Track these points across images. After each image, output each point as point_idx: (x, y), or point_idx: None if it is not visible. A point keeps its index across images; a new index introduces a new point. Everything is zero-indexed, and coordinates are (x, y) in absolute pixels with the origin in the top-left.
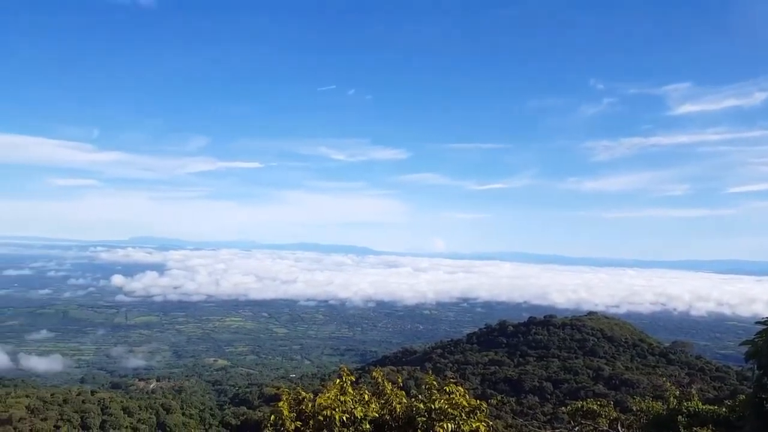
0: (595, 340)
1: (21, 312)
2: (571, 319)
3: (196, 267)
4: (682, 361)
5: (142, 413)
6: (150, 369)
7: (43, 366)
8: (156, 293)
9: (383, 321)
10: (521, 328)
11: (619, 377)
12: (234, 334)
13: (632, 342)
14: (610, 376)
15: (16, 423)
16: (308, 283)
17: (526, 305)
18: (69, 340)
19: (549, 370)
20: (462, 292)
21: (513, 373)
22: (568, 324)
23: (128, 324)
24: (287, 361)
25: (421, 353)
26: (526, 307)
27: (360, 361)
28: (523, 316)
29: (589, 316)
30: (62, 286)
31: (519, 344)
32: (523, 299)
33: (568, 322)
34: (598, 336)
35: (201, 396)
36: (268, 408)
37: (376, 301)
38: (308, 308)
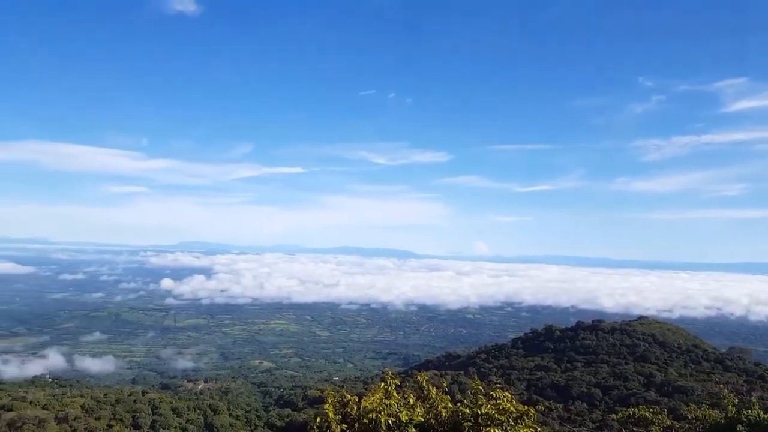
0: (646, 345)
1: (76, 315)
2: (620, 324)
3: (241, 271)
4: (740, 368)
5: (190, 414)
6: (198, 370)
7: (96, 367)
8: (203, 296)
9: (425, 325)
10: (568, 333)
11: (672, 384)
12: (278, 336)
13: (686, 348)
14: (662, 382)
15: (72, 422)
16: (350, 287)
17: (573, 309)
18: (121, 341)
19: (598, 376)
20: (506, 296)
21: (560, 379)
22: (618, 329)
23: (177, 326)
24: (330, 363)
25: (465, 358)
26: (573, 311)
27: (402, 364)
28: (571, 320)
29: (639, 320)
30: (114, 289)
31: (566, 349)
32: (570, 303)
33: (617, 327)
34: (650, 341)
35: (247, 397)
36: (313, 410)
37: (418, 304)
38: (350, 311)
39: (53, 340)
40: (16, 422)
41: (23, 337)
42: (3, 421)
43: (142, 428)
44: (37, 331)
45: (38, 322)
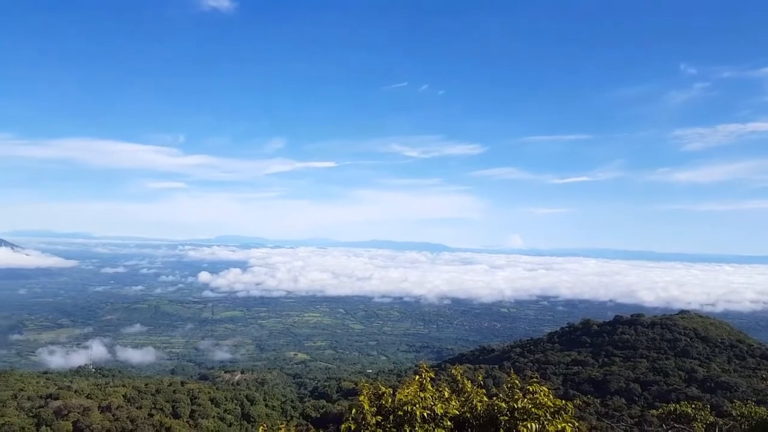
0: (687, 340)
1: (117, 307)
2: (661, 318)
3: (275, 264)
4: None
5: (228, 404)
6: (235, 361)
7: (137, 358)
8: (239, 289)
9: (459, 318)
10: (606, 328)
11: (715, 380)
12: (312, 329)
13: (729, 342)
14: (704, 378)
15: (115, 410)
16: (383, 280)
17: (611, 304)
18: (160, 333)
19: (637, 371)
20: (542, 290)
21: (597, 374)
22: (658, 323)
23: (214, 318)
24: (363, 356)
25: (500, 352)
26: (611, 305)
27: (436, 358)
28: (609, 315)
29: (681, 314)
30: (154, 282)
31: (604, 344)
32: (608, 297)
33: (657, 321)
34: (691, 336)
35: (282, 388)
36: (347, 402)
37: (452, 298)
38: (383, 305)
39: (96, 331)
40: (62, 410)
41: (68, 329)
42: (50, 409)
43: (182, 418)
44: (81, 322)
45: (82, 314)
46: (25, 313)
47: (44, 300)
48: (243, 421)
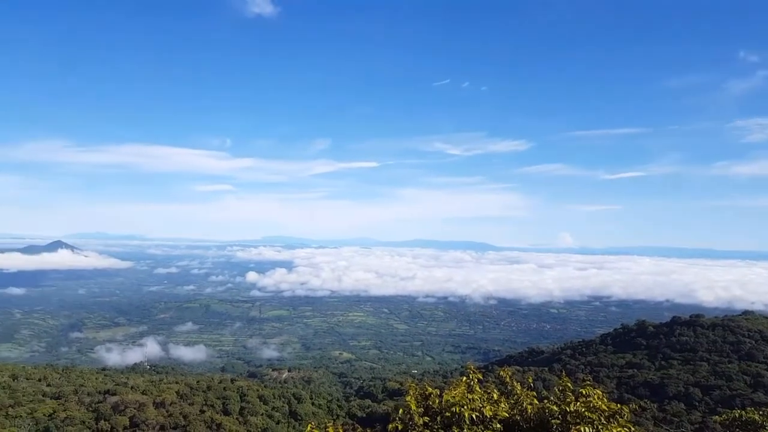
0: (752, 342)
1: (170, 306)
2: (722, 319)
3: (320, 264)
4: None
5: (275, 401)
6: (282, 360)
7: (189, 355)
8: (285, 289)
9: (506, 319)
10: (663, 329)
11: None
12: (357, 328)
13: None
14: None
15: (168, 406)
16: (427, 280)
17: (668, 304)
18: (211, 331)
19: (697, 375)
20: (593, 290)
21: (654, 377)
22: (720, 324)
23: (262, 317)
24: (408, 356)
25: (549, 354)
26: (668, 305)
27: (482, 359)
28: (665, 315)
29: (744, 315)
30: (204, 282)
31: (660, 346)
32: (664, 297)
33: (719, 323)
34: (757, 338)
35: (328, 387)
36: (393, 402)
37: (498, 298)
38: (427, 305)
39: (150, 330)
40: (119, 406)
41: (124, 327)
42: (108, 404)
43: (232, 414)
44: (136, 321)
45: (137, 313)
46: (85, 312)
47: (102, 299)
48: (290, 419)
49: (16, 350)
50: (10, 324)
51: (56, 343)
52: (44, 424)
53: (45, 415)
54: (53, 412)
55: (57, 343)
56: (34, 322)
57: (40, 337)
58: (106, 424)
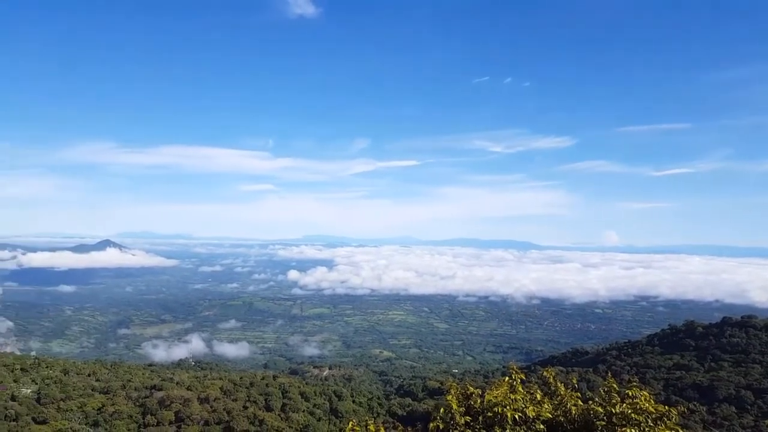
0: None
1: (214, 304)
2: None
3: (360, 263)
4: None
5: (317, 399)
6: (323, 357)
7: (232, 352)
8: (326, 287)
9: (549, 319)
10: (713, 330)
11: None
12: (397, 327)
13: None
14: None
15: (213, 402)
16: (467, 279)
17: (717, 304)
18: (254, 329)
19: (749, 377)
20: (640, 290)
21: (703, 379)
22: None
23: (303, 315)
24: (449, 355)
25: (594, 354)
26: (717, 306)
27: (525, 360)
28: (715, 316)
29: None
30: (247, 280)
31: (710, 347)
32: (714, 298)
33: None
34: None
35: (369, 385)
36: (433, 401)
37: (541, 298)
38: (468, 304)
39: (195, 326)
40: (165, 401)
41: (170, 324)
42: (155, 399)
43: (274, 411)
44: (181, 318)
45: (182, 310)
46: (132, 309)
47: (149, 297)
48: (331, 416)
49: (67, 346)
50: (62, 320)
51: (105, 339)
52: (93, 418)
53: (94, 409)
54: (102, 407)
55: (106, 339)
56: (84, 318)
57: (90, 334)
58: (152, 418)
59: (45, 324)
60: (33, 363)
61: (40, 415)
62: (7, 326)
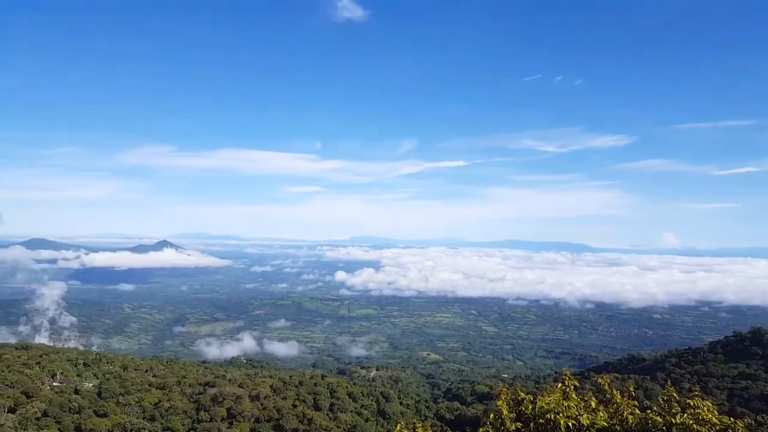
0: None
1: (265, 303)
2: None
3: (407, 264)
4: None
5: (364, 399)
6: (370, 358)
7: (282, 350)
8: (373, 288)
9: (604, 324)
10: None
11: None
12: (444, 329)
13: None
14: None
15: (263, 400)
16: (517, 282)
17: None
18: (302, 328)
19: None
20: (701, 295)
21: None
22: None
23: (350, 316)
24: (498, 360)
25: (651, 361)
26: None
27: (578, 365)
28: None
29: None
30: (296, 280)
31: None
32: None
33: None
34: None
35: (416, 387)
36: (482, 405)
37: (595, 302)
38: (518, 307)
39: (246, 325)
40: (218, 397)
41: (223, 323)
42: (208, 396)
43: (322, 410)
44: (233, 317)
45: (234, 309)
46: (187, 307)
47: (203, 296)
48: (379, 417)
49: (126, 342)
50: (121, 318)
51: (161, 337)
52: (150, 413)
53: (151, 404)
54: (158, 402)
55: (162, 336)
56: (142, 316)
57: (147, 331)
58: (205, 414)
59: (106, 321)
60: (95, 358)
61: (101, 408)
62: (71, 321)
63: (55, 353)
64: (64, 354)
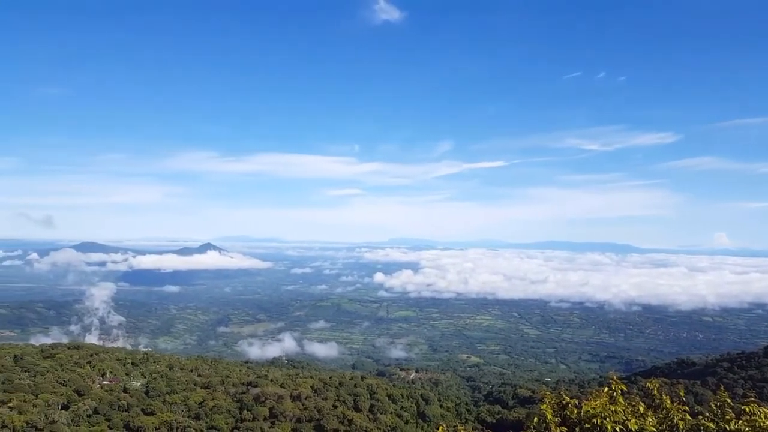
0: None
1: (305, 304)
2: None
3: (445, 266)
4: None
5: (404, 401)
6: (409, 360)
7: (322, 351)
8: (411, 290)
9: (651, 327)
10: None
11: None
12: (485, 332)
13: None
14: None
15: (304, 400)
16: (560, 284)
17: None
18: (342, 329)
19: None
20: (756, 297)
21: None
22: None
23: (389, 317)
24: (541, 363)
25: (702, 366)
26: None
27: (624, 370)
28: None
29: None
30: (335, 282)
31: None
32: None
33: None
34: None
35: (456, 390)
36: (524, 409)
37: (642, 304)
38: (561, 310)
39: (287, 326)
40: (261, 397)
41: (264, 323)
42: (250, 395)
43: (362, 411)
44: (275, 318)
45: (276, 310)
46: (230, 308)
47: (245, 297)
48: (418, 420)
49: (172, 342)
50: (167, 319)
51: (206, 337)
52: (195, 411)
53: (196, 402)
54: (203, 401)
55: (206, 336)
56: (187, 317)
57: (192, 331)
58: (248, 414)
59: (152, 322)
60: (142, 358)
61: (148, 407)
62: (119, 321)
63: (104, 353)
64: (114, 353)
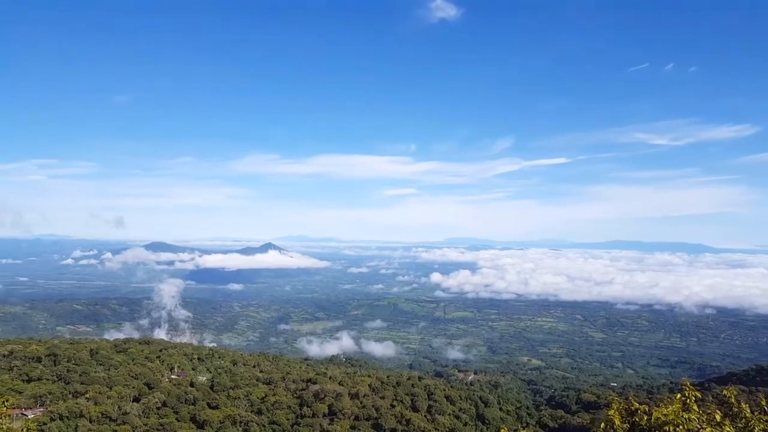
0: None
1: (362, 303)
2: None
3: (504, 266)
4: None
5: (462, 403)
6: (467, 361)
7: (379, 350)
8: (469, 290)
9: (727, 331)
10: None
11: None
12: (547, 334)
13: None
14: None
15: (362, 398)
16: (627, 285)
17: None
18: (398, 329)
19: None
20: None
21: None
22: None
23: (446, 318)
24: (606, 367)
25: None
26: None
27: (697, 376)
28: None
29: None
30: (392, 282)
31: None
32: None
33: None
34: None
35: (516, 393)
36: (588, 415)
37: (716, 307)
38: (628, 312)
39: (345, 325)
40: (320, 394)
41: (323, 322)
42: (310, 392)
43: (420, 411)
44: (333, 316)
45: (333, 308)
46: (291, 306)
47: (304, 296)
48: (477, 422)
49: (236, 339)
50: (231, 316)
51: (267, 334)
52: (257, 406)
53: (258, 398)
54: (265, 396)
55: (268, 333)
56: (249, 314)
57: (254, 328)
58: (308, 410)
59: (217, 318)
60: (208, 353)
61: (213, 401)
62: (186, 315)
63: (173, 348)
64: (181, 349)
